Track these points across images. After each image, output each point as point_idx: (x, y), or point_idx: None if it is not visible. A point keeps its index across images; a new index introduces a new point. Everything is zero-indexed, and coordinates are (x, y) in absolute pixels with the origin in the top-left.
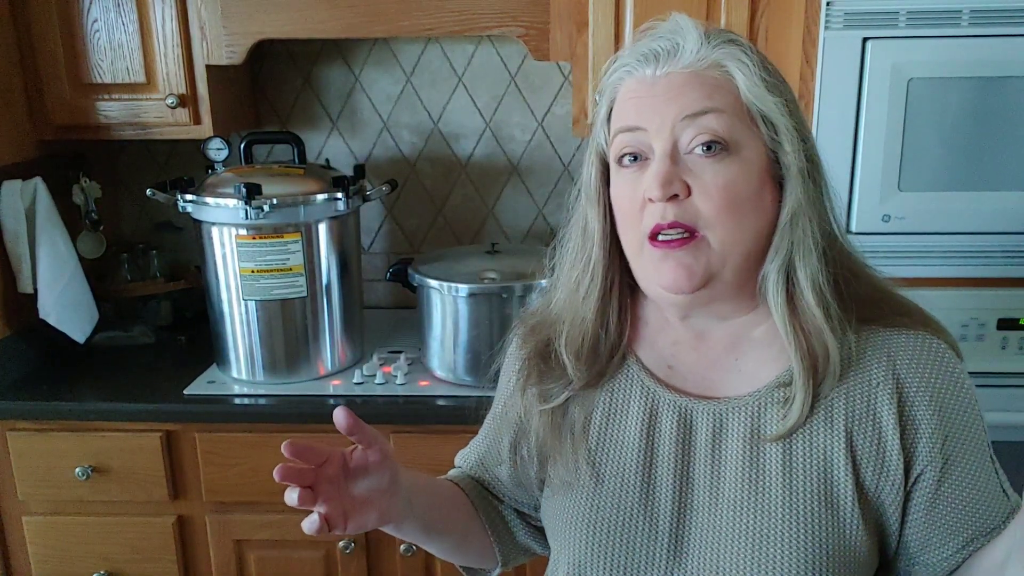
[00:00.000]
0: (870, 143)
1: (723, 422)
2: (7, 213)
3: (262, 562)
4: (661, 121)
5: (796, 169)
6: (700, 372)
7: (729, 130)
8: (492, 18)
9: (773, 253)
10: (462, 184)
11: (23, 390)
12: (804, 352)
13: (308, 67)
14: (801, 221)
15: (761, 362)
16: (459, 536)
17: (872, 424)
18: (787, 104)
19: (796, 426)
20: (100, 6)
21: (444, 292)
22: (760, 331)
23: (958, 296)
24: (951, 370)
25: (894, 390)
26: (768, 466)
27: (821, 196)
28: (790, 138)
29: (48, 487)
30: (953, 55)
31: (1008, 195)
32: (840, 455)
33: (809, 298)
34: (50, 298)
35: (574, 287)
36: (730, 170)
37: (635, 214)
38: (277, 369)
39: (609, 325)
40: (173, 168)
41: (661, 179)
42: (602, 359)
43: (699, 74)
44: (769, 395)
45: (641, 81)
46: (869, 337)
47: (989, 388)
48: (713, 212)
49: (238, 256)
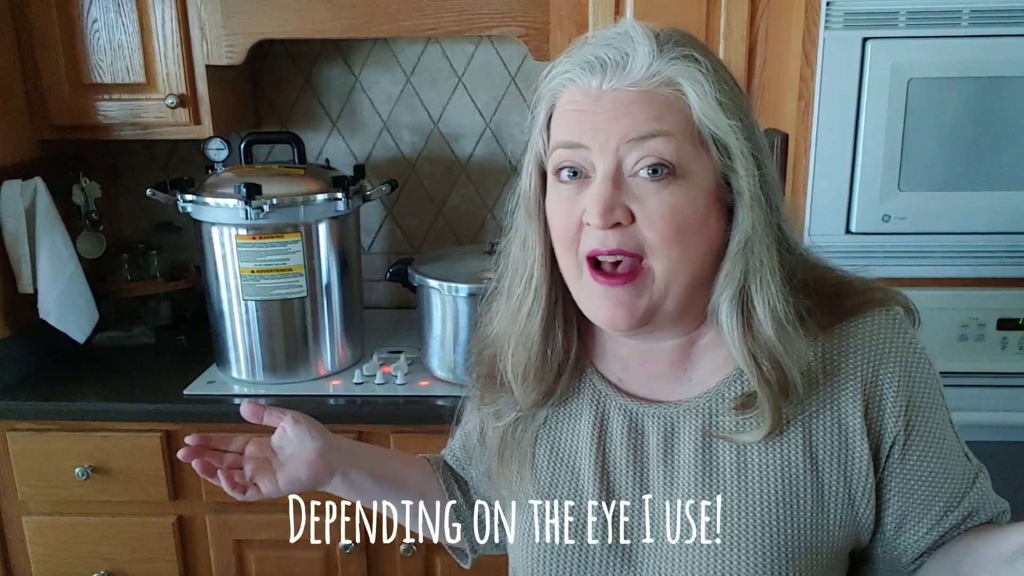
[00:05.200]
0: (870, 143)
1: (674, 425)
2: (7, 213)
3: (262, 562)
4: (605, 140)
5: (749, 195)
6: (649, 385)
7: (677, 154)
8: (492, 18)
9: (724, 282)
10: (462, 184)
11: (23, 390)
12: (764, 378)
13: (308, 67)
14: (756, 248)
15: (709, 370)
16: (415, 493)
17: (832, 417)
18: (743, 126)
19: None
20: (100, 6)
21: (444, 292)
22: (705, 340)
23: (958, 296)
24: (903, 338)
25: (858, 382)
26: (722, 468)
27: (780, 220)
28: (744, 162)
29: (48, 487)
30: (953, 55)
31: (1008, 195)
32: (798, 454)
33: (768, 330)
34: (50, 298)
35: (516, 306)
36: (675, 196)
37: (572, 235)
38: (277, 369)
39: (556, 343)
40: (173, 168)
41: (603, 206)
42: (550, 378)
43: (649, 92)
44: (719, 395)
45: (585, 92)
46: (831, 340)
47: (989, 388)
48: (657, 240)
49: (238, 256)
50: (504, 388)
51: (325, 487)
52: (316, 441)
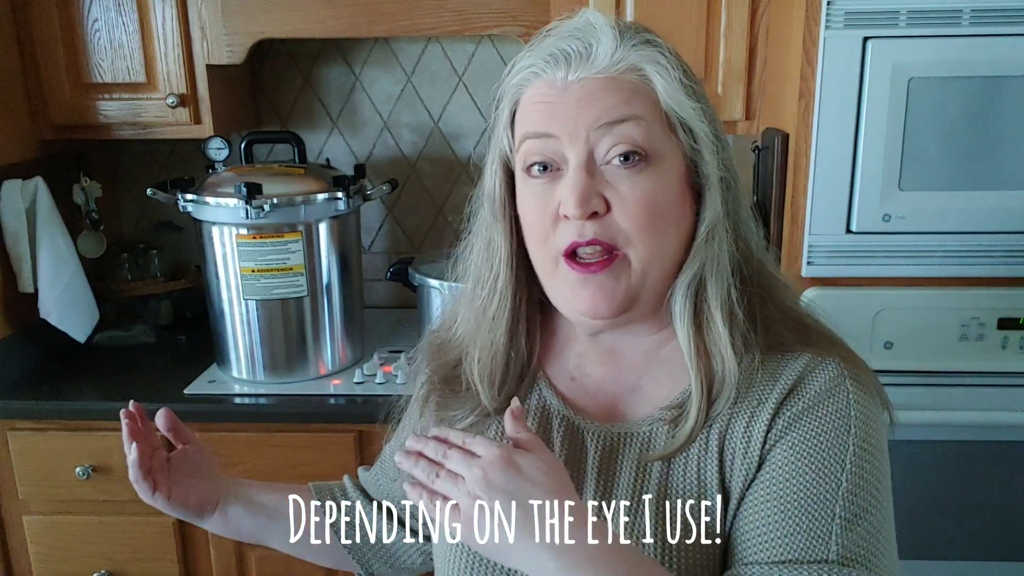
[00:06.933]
0: (870, 142)
1: (614, 446)
2: (7, 213)
3: (262, 562)
4: (574, 128)
5: (716, 178)
6: (601, 386)
7: (648, 139)
8: (492, 18)
9: (686, 267)
10: (463, 184)
11: (23, 390)
12: (704, 374)
13: (308, 67)
14: (718, 234)
15: (660, 382)
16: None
17: (744, 440)
18: (705, 110)
19: (680, 449)
20: (100, 6)
21: (444, 292)
22: (667, 349)
23: (958, 296)
24: (838, 391)
25: (775, 407)
26: (648, 488)
27: (740, 208)
28: (709, 146)
29: (48, 487)
30: (954, 55)
31: (1008, 195)
32: (713, 473)
33: (716, 318)
34: (50, 297)
35: (481, 309)
36: (649, 182)
37: (545, 230)
38: (277, 369)
39: (520, 346)
40: (173, 168)
41: (579, 196)
42: (512, 382)
43: (615, 79)
44: (660, 417)
45: (551, 84)
46: (770, 362)
47: (989, 388)
48: (634, 228)
49: (238, 256)
50: (468, 392)
51: (204, 523)
52: (211, 474)
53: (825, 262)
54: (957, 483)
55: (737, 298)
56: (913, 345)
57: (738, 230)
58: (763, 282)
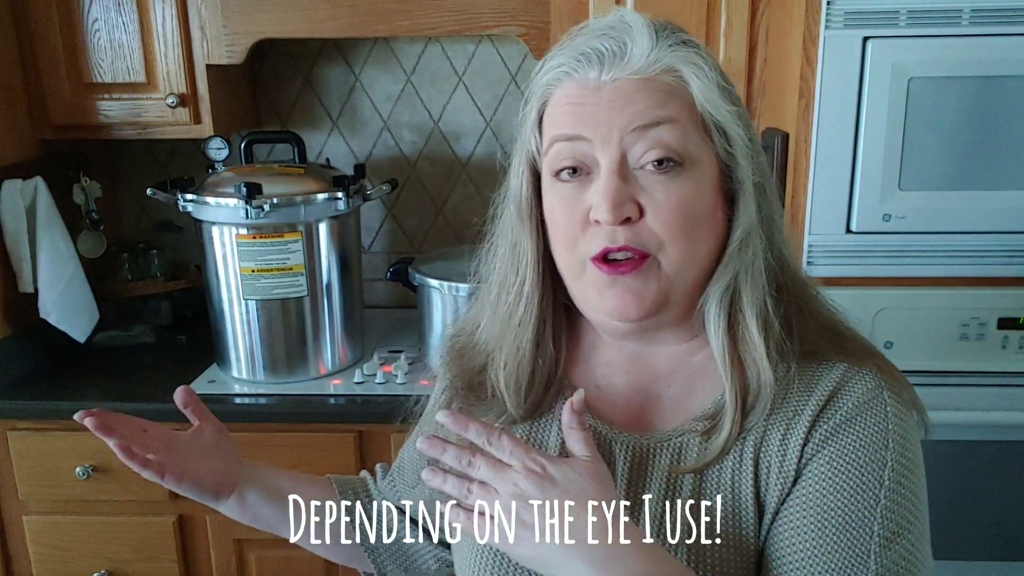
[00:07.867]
0: (870, 142)
1: (643, 458)
2: (7, 213)
3: (262, 562)
4: (607, 131)
5: (751, 183)
6: (628, 396)
7: (683, 143)
8: (492, 18)
9: (719, 275)
10: (463, 184)
11: (23, 390)
12: (740, 386)
13: (308, 67)
14: (753, 241)
15: (690, 392)
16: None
17: (781, 452)
18: (740, 114)
19: (714, 460)
20: (100, 6)
21: (444, 292)
22: (696, 359)
23: (958, 296)
24: (875, 403)
25: (812, 419)
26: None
27: (773, 214)
28: (744, 150)
29: (48, 487)
30: (953, 54)
31: (1008, 194)
32: (748, 487)
33: (752, 326)
34: (50, 297)
35: (507, 315)
36: (684, 187)
37: (574, 234)
38: (277, 369)
39: (547, 353)
40: (173, 168)
41: (612, 201)
42: (538, 390)
43: (650, 80)
44: (692, 428)
45: (582, 85)
46: (805, 371)
47: (989, 388)
48: (667, 234)
49: (238, 256)
50: (485, 401)
51: (220, 506)
52: (229, 455)
53: (825, 262)
54: (957, 483)
55: (773, 307)
56: (913, 345)
57: (772, 237)
58: (797, 290)
